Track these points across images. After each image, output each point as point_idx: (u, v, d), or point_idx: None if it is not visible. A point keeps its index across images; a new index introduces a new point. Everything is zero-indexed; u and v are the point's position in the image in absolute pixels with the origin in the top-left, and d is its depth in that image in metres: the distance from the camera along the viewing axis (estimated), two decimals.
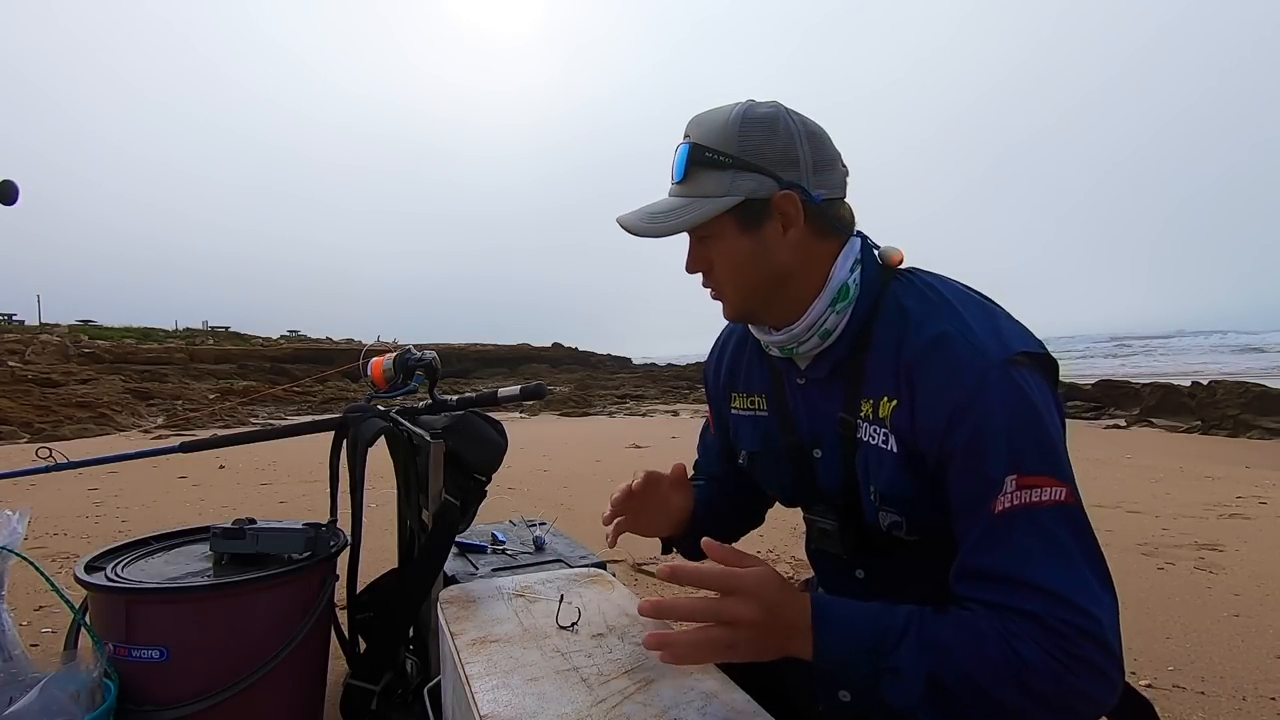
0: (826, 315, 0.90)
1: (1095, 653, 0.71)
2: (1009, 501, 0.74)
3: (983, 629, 0.73)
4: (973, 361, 0.78)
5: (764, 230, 0.88)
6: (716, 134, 0.87)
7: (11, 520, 1.30)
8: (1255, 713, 2.04)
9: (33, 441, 9.75)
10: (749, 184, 0.86)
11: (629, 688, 0.78)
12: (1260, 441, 8.46)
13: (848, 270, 0.90)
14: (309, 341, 39.50)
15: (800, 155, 0.87)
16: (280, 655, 1.03)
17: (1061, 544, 0.73)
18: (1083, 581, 0.72)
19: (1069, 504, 0.74)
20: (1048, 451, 0.75)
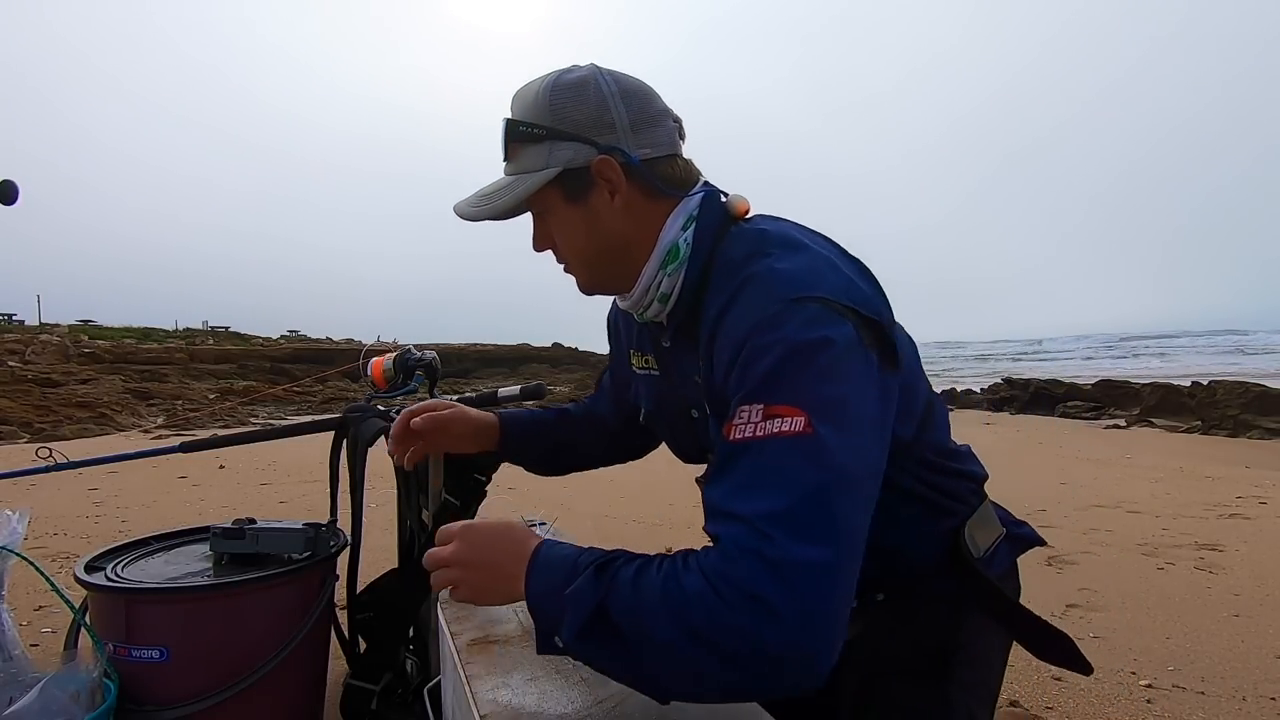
0: (659, 278, 0.87)
1: (767, 587, 0.60)
2: (745, 431, 0.68)
3: (663, 562, 0.68)
4: (764, 301, 0.73)
5: (591, 199, 0.86)
6: (529, 106, 0.85)
7: (11, 520, 1.30)
8: (1255, 713, 2.04)
9: (33, 441, 9.75)
10: (565, 153, 0.84)
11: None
12: (1260, 441, 8.46)
13: (678, 229, 0.86)
14: (309, 341, 39.49)
15: (615, 117, 0.84)
16: (280, 655, 1.03)
17: (783, 475, 0.65)
18: (785, 514, 0.63)
19: (806, 434, 0.65)
20: (805, 384, 0.68)
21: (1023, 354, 57.27)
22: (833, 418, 0.66)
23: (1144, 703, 2.10)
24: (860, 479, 0.68)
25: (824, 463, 0.65)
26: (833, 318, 0.71)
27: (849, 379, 0.69)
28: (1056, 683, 2.22)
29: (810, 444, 0.65)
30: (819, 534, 0.62)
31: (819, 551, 0.62)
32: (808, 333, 0.69)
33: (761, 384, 0.69)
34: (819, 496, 0.64)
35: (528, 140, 0.85)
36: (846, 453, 0.66)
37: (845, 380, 0.69)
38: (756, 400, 0.69)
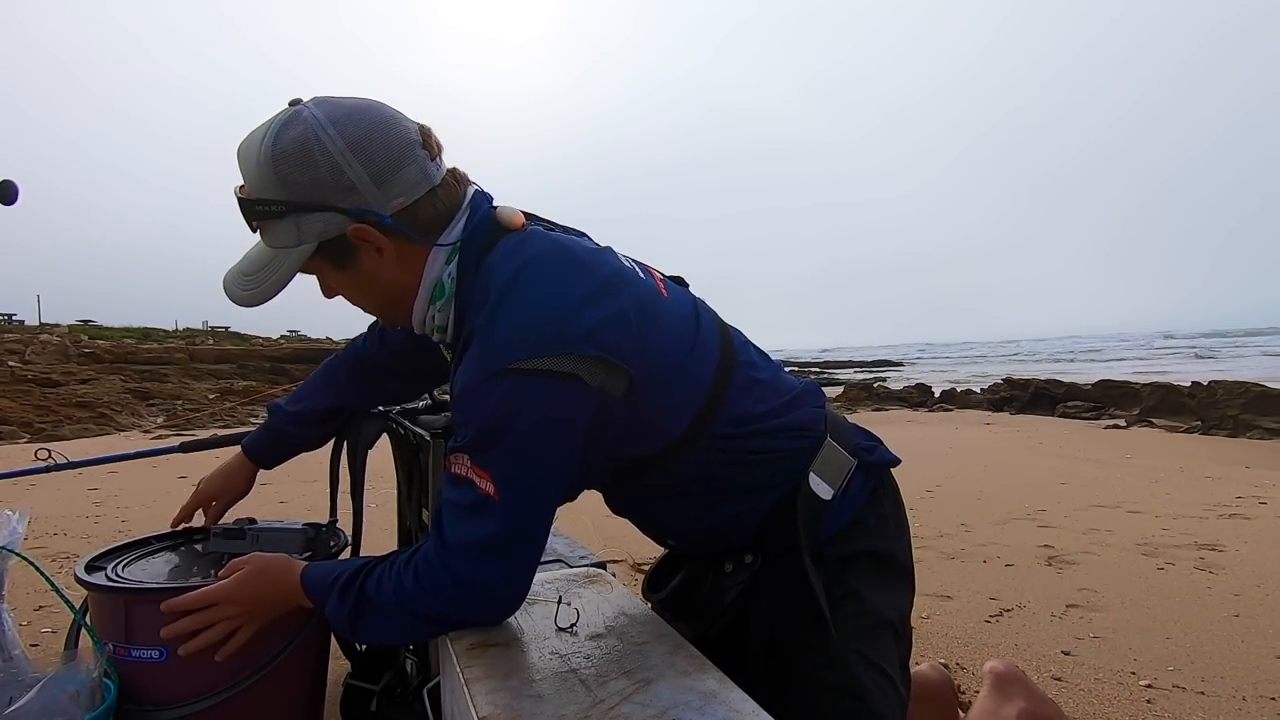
0: (431, 313, 0.90)
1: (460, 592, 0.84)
2: (457, 470, 0.82)
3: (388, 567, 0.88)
4: (475, 367, 0.80)
5: (360, 262, 0.85)
6: (258, 180, 0.80)
7: (11, 520, 1.29)
8: (1255, 713, 2.03)
9: (33, 441, 9.75)
10: (315, 226, 0.81)
11: (628, 688, 0.78)
12: (1260, 441, 8.45)
13: (440, 266, 0.87)
14: (309, 341, 39.48)
15: (354, 177, 0.79)
16: (279, 656, 1.03)
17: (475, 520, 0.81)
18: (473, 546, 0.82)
19: (492, 498, 0.80)
20: (497, 457, 0.80)
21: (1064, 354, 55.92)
22: (515, 483, 0.81)
23: (1144, 703, 2.10)
24: (535, 520, 0.84)
25: (504, 517, 0.81)
26: (530, 389, 0.78)
27: (543, 444, 0.81)
28: (1057, 683, 2.22)
29: (494, 506, 0.80)
30: (495, 562, 0.83)
31: (493, 571, 0.84)
32: (503, 404, 0.79)
33: (469, 444, 0.81)
34: (497, 540, 0.82)
35: (269, 217, 0.82)
36: (523, 508, 0.82)
37: (538, 447, 0.80)
38: (465, 453, 0.82)
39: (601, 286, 0.83)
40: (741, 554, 0.98)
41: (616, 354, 0.81)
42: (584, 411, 0.81)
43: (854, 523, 0.96)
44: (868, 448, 1.01)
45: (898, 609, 0.96)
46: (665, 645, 0.90)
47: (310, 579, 0.94)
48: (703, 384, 0.90)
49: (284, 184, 0.79)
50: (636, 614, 1.01)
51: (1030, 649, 2.43)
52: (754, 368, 0.97)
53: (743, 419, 0.92)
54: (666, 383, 0.87)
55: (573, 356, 0.78)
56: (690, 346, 0.91)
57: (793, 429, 0.95)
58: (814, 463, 0.94)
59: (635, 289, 0.87)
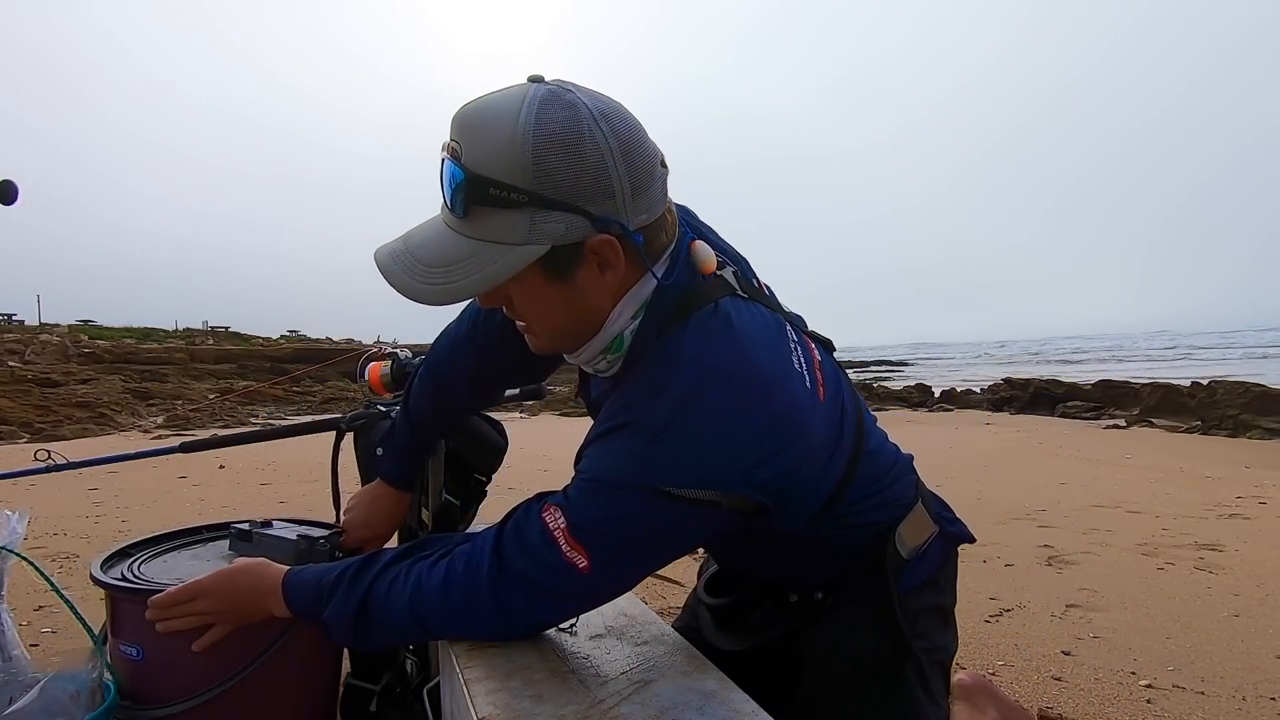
0: (599, 359, 0.84)
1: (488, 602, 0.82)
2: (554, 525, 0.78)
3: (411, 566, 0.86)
4: (623, 461, 0.76)
5: (578, 277, 0.74)
6: (503, 159, 0.67)
7: (11, 520, 1.29)
8: (1255, 713, 2.04)
9: (33, 441, 9.76)
10: (555, 227, 0.69)
11: (627, 689, 0.78)
12: (1260, 441, 8.46)
13: (626, 319, 0.79)
14: (309, 341, 39.50)
15: (616, 182, 0.69)
16: (245, 671, 1.03)
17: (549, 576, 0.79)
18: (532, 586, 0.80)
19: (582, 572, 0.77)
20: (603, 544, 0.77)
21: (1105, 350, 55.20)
22: (608, 568, 0.79)
23: (1144, 703, 2.10)
24: (609, 594, 0.84)
25: (584, 588, 0.80)
26: (666, 507, 0.75)
27: (652, 549, 0.81)
28: (1056, 683, 2.22)
29: (577, 576, 0.78)
30: (549, 606, 0.83)
31: (541, 614, 0.85)
32: (631, 511, 0.75)
33: (581, 521, 0.77)
34: (564, 597, 0.81)
35: (501, 205, 0.68)
36: (605, 587, 0.82)
37: (647, 550, 0.80)
38: (567, 514, 0.77)
39: (778, 435, 0.76)
40: (812, 590, 0.99)
41: (760, 491, 0.78)
42: (709, 531, 0.84)
43: (928, 582, 0.99)
44: (948, 518, 1.05)
45: (951, 652, 1.02)
46: (665, 645, 0.90)
47: (295, 582, 0.91)
48: (825, 490, 0.86)
49: (539, 171, 0.67)
50: (636, 614, 1.01)
51: (1030, 649, 2.43)
52: (875, 455, 0.94)
53: (854, 504, 0.91)
54: (795, 502, 0.84)
55: (720, 493, 0.75)
56: (829, 458, 0.85)
57: (898, 498, 0.97)
58: (902, 524, 0.96)
59: (804, 427, 0.79)
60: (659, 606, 2.89)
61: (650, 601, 2.95)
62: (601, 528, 0.77)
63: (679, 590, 3.11)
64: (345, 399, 16.91)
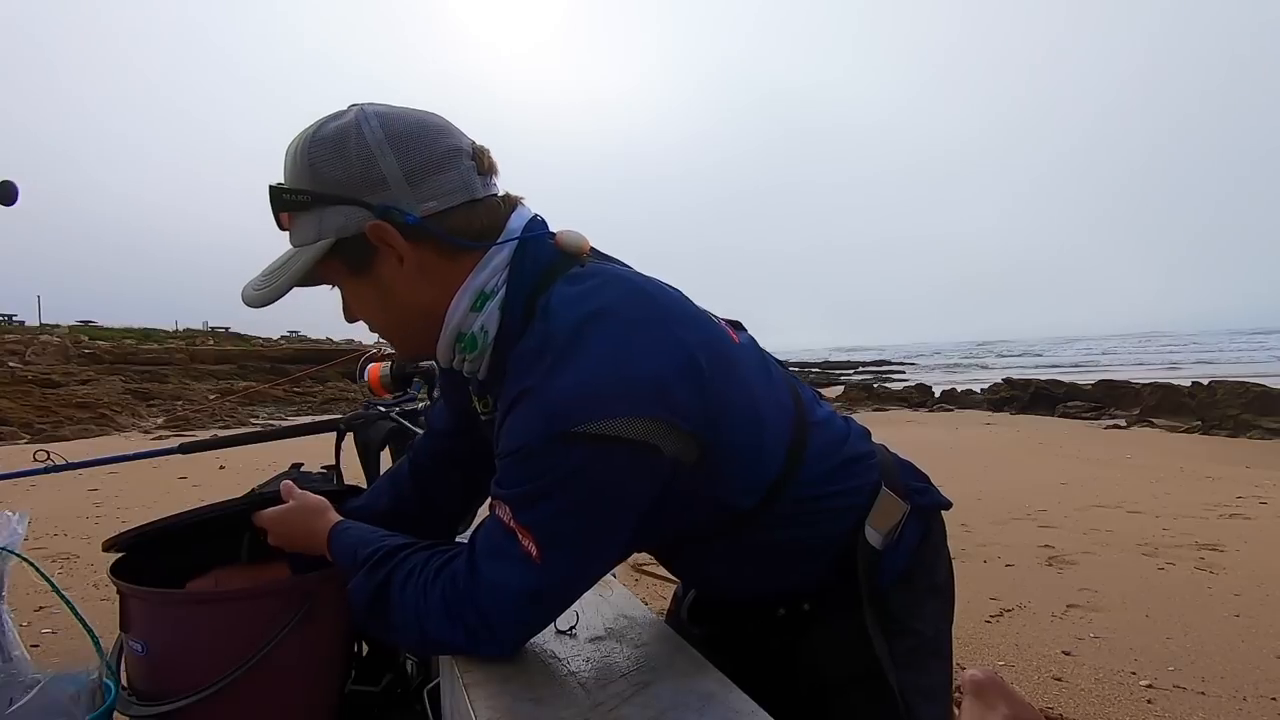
0: (459, 358, 0.82)
1: (477, 631, 0.79)
2: (501, 516, 0.76)
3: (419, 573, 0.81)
4: (529, 427, 0.72)
5: (377, 268, 0.78)
6: (291, 167, 0.77)
7: (12, 521, 1.29)
8: (1255, 713, 2.04)
9: (33, 442, 9.76)
10: (336, 219, 0.75)
11: (626, 690, 0.78)
12: (1260, 441, 8.46)
13: (464, 311, 0.79)
14: (309, 342, 39.50)
15: (386, 170, 0.74)
16: (237, 671, 1.03)
17: (509, 570, 0.76)
18: (505, 591, 0.77)
19: (534, 560, 0.74)
20: (546, 518, 0.73)
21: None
22: (559, 548, 0.74)
23: (1144, 703, 2.10)
24: (575, 584, 0.80)
25: (543, 577, 0.75)
26: (594, 456, 0.70)
27: (597, 514, 0.75)
28: (1057, 683, 2.22)
29: (534, 565, 0.74)
30: (525, 610, 0.78)
31: (518, 618, 0.79)
32: (560, 470, 0.71)
33: (517, 499, 0.74)
34: (531, 595, 0.77)
35: (296, 208, 0.76)
36: (565, 572, 0.77)
37: (592, 515, 0.74)
38: (510, 506, 0.75)
39: (677, 329, 0.75)
40: (799, 601, 0.95)
41: (688, 419, 0.73)
42: (651, 482, 0.75)
43: (909, 568, 0.96)
44: (919, 489, 0.99)
45: (945, 631, 0.98)
46: (664, 647, 0.90)
47: (338, 541, 0.91)
48: (779, 445, 0.85)
49: (314, 172, 0.75)
50: (636, 616, 1.01)
51: (1030, 649, 2.43)
52: (824, 425, 0.92)
53: (819, 479, 0.88)
54: (740, 452, 0.81)
55: (645, 420, 0.70)
56: (763, 400, 0.84)
57: (858, 485, 0.92)
58: (870, 514, 0.91)
59: (710, 335, 0.79)
60: (659, 607, 2.90)
61: (650, 602, 2.95)
62: (537, 502, 0.72)
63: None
64: (345, 400, 16.92)
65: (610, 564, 0.84)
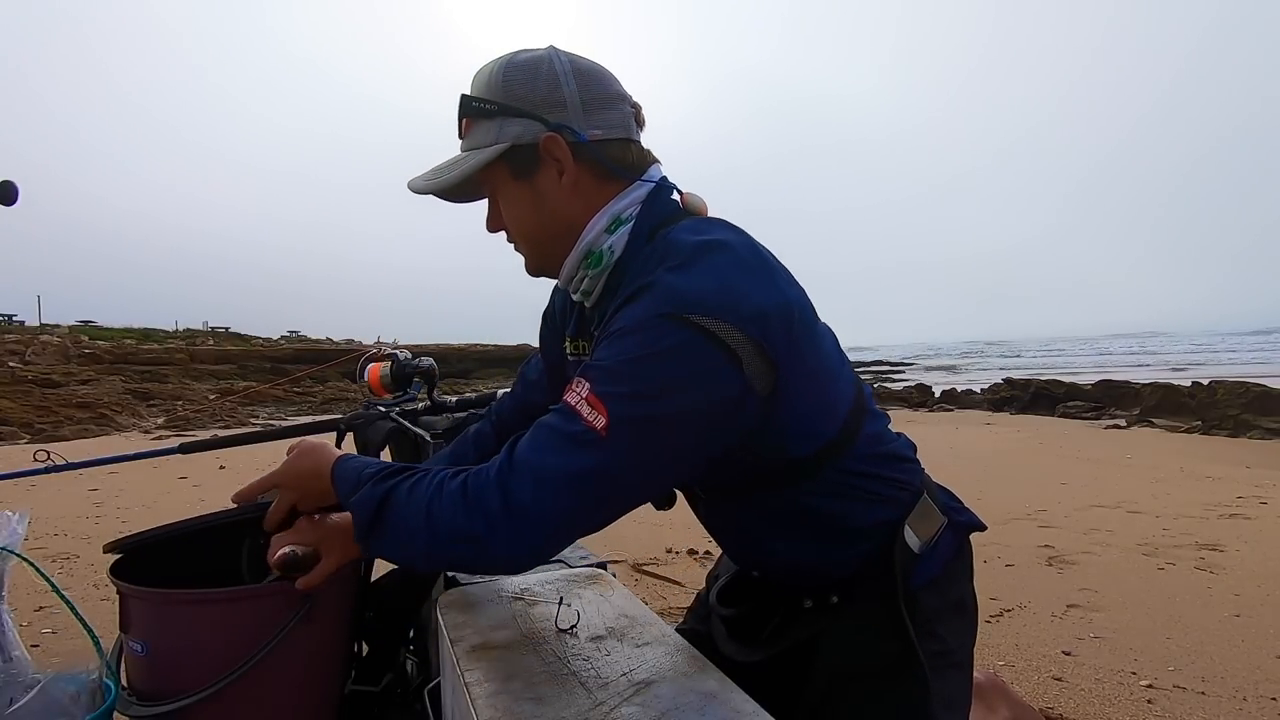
0: (581, 275, 0.89)
1: (496, 519, 0.74)
2: (570, 399, 0.76)
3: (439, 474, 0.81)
4: (644, 309, 0.76)
5: (538, 178, 0.87)
6: (484, 83, 0.87)
7: (11, 521, 1.29)
8: (1255, 713, 2.04)
9: (33, 442, 9.77)
10: (514, 129, 0.85)
11: (627, 690, 0.78)
12: (1260, 441, 8.46)
13: (600, 231, 0.87)
14: (309, 342, 39.52)
15: (566, 94, 0.85)
16: (237, 673, 1.03)
17: (565, 451, 0.74)
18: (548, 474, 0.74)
19: (599, 435, 0.73)
20: (627, 394, 0.74)
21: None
22: (633, 433, 0.74)
23: (1144, 703, 2.10)
24: (635, 486, 0.78)
25: (600, 457, 0.73)
26: (696, 339, 0.73)
27: (678, 402, 0.74)
28: (1057, 683, 2.22)
29: (595, 441, 0.73)
30: (561, 496, 0.74)
31: (552, 506, 0.74)
32: (657, 346, 0.74)
33: (600, 369, 0.76)
34: (579, 476, 0.74)
35: (480, 116, 0.87)
36: (631, 463, 0.75)
37: (672, 402, 0.74)
38: (589, 379, 0.76)
39: (782, 281, 0.82)
40: (827, 594, 0.97)
41: (774, 349, 0.78)
42: (729, 393, 0.77)
43: (941, 577, 0.98)
44: (955, 508, 1.04)
45: (967, 648, 1.00)
46: (665, 647, 0.90)
47: (341, 466, 0.92)
48: (840, 411, 0.89)
49: (504, 87, 0.85)
50: (637, 615, 1.01)
51: (1030, 649, 2.43)
52: (877, 417, 0.98)
53: (867, 459, 0.92)
54: (807, 400, 0.84)
55: (741, 333, 0.75)
56: (836, 370, 0.90)
57: (903, 481, 0.97)
58: (910, 516, 0.95)
59: (805, 300, 0.85)
60: (659, 607, 2.90)
61: (650, 602, 2.95)
62: (623, 372, 0.74)
63: (679, 590, 3.11)
64: (345, 399, 16.92)
65: (661, 482, 0.83)
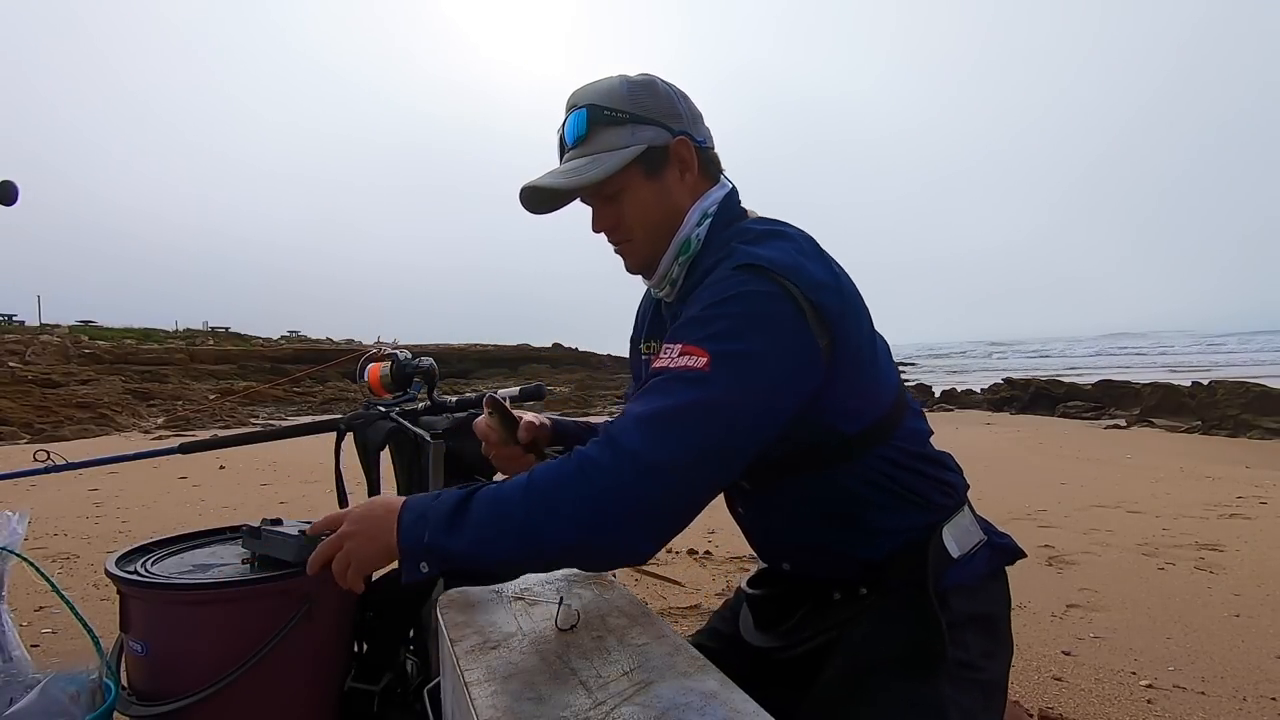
0: (671, 268, 0.99)
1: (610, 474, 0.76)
2: (662, 362, 0.83)
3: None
4: (723, 268, 0.88)
5: (665, 175, 0.98)
6: (611, 94, 0.97)
7: (11, 521, 1.29)
8: (1255, 713, 2.04)
9: (33, 442, 9.76)
10: (648, 134, 0.96)
11: (628, 690, 0.78)
12: (1260, 441, 8.46)
13: (693, 224, 0.98)
14: (309, 342, 39.51)
15: (682, 109, 0.99)
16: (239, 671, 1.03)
17: (671, 395, 0.79)
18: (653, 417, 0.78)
19: (703, 371, 0.79)
20: (719, 333, 0.81)
21: None
22: (732, 366, 0.79)
23: (1144, 703, 2.10)
24: (742, 424, 0.80)
25: (709, 396, 0.78)
26: (771, 287, 0.83)
27: (763, 339, 0.81)
28: (1057, 683, 2.22)
29: (701, 379, 0.78)
30: (674, 445, 0.76)
31: (665, 455, 0.76)
32: (739, 289, 0.83)
33: (685, 326, 0.84)
34: (687, 410, 0.78)
35: (611, 123, 0.96)
36: (735, 395, 0.79)
37: (758, 338, 0.81)
38: (677, 339, 0.83)
39: (836, 269, 0.93)
40: (855, 586, 0.99)
41: (829, 318, 0.86)
42: (802, 342, 0.83)
43: (975, 588, 0.98)
44: (995, 531, 1.07)
45: (994, 671, 0.98)
46: (665, 646, 0.90)
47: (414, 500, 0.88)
48: (884, 399, 0.95)
49: (632, 100, 0.97)
50: (637, 615, 1.01)
51: (1030, 649, 2.43)
52: (919, 415, 1.03)
53: (909, 455, 0.97)
54: (856, 376, 0.90)
55: (804, 296, 0.84)
56: (884, 363, 0.97)
57: (944, 483, 1.00)
58: (948, 522, 0.98)
59: (857, 292, 0.95)
60: (659, 607, 2.90)
61: (650, 602, 2.95)
62: (711, 315, 0.82)
63: (679, 590, 3.11)
64: (345, 399, 16.92)
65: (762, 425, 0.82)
